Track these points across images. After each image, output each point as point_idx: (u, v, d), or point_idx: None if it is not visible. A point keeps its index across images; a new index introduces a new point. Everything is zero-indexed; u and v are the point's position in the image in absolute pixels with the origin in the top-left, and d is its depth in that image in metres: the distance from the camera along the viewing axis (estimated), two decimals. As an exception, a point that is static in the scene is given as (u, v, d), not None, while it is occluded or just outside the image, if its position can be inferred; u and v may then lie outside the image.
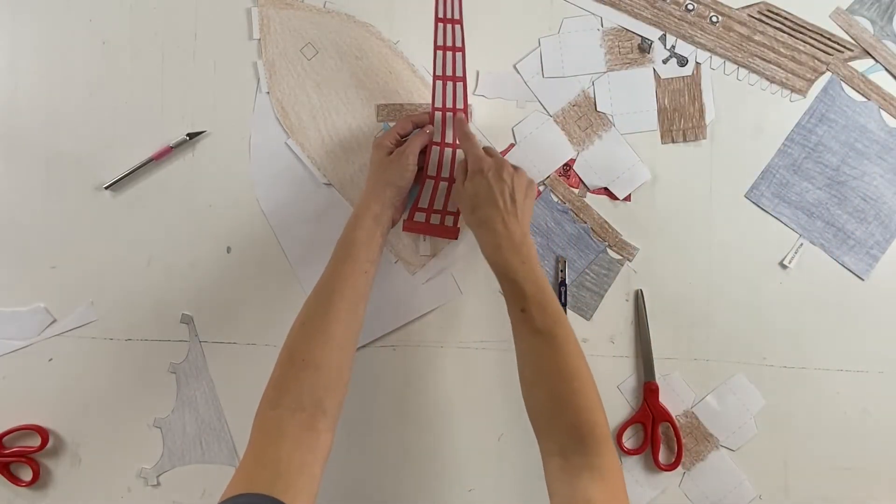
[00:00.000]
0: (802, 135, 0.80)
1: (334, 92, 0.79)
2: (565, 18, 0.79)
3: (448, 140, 0.74)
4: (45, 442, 0.78)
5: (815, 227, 0.80)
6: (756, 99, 0.80)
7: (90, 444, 0.79)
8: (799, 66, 0.79)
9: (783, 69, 0.80)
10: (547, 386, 0.62)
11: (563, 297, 0.79)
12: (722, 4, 0.79)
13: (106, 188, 0.78)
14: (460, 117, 0.73)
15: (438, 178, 0.75)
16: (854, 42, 0.79)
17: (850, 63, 0.80)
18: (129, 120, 0.79)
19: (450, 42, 0.70)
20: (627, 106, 0.80)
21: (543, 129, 0.79)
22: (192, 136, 0.78)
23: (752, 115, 0.80)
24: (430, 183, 0.75)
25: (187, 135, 0.78)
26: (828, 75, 0.80)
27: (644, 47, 0.80)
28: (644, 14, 0.79)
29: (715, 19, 0.79)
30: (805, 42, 0.79)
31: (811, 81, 0.80)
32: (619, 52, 0.80)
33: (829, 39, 0.79)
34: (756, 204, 0.80)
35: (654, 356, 0.78)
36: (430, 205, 0.75)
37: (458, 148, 0.74)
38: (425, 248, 0.79)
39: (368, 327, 0.75)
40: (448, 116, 0.73)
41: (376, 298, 0.73)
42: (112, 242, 0.79)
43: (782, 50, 0.79)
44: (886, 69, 0.79)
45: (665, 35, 0.79)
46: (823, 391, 0.79)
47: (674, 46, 0.79)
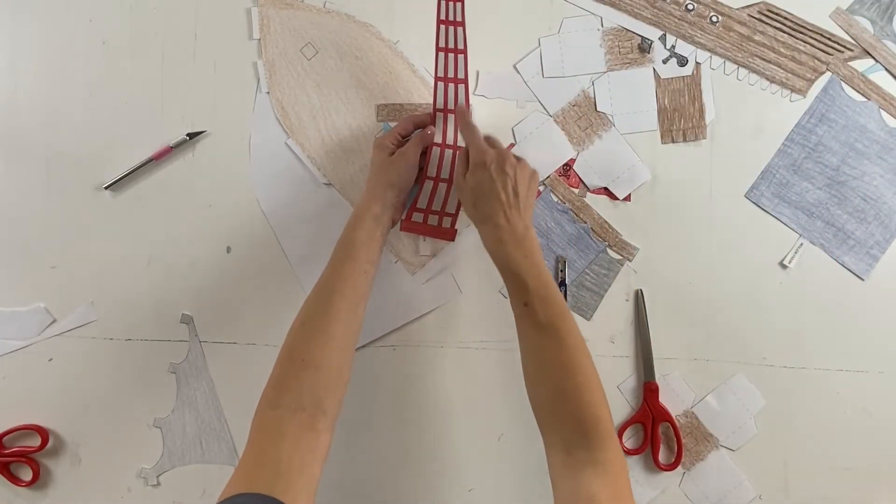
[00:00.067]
0: (802, 135, 0.80)
1: (334, 92, 0.79)
2: (565, 18, 0.79)
3: (449, 141, 0.74)
4: (45, 442, 0.78)
5: (815, 227, 0.80)
6: (756, 99, 0.80)
7: (90, 444, 0.79)
8: (799, 66, 0.79)
9: (783, 69, 0.80)
10: (550, 380, 0.62)
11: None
12: (722, 4, 0.79)
13: (106, 188, 0.78)
14: (461, 107, 0.72)
15: (438, 179, 0.74)
16: (854, 42, 0.79)
17: (850, 63, 0.80)
18: (129, 120, 0.79)
19: (452, 44, 0.70)
20: (627, 106, 0.80)
21: (543, 129, 0.79)
22: (192, 136, 0.78)
23: (752, 115, 0.80)
24: (429, 184, 0.75)
25: (187, 135, 0.78)
26: (828, 75, 0.80)
27: (644, 47, 0.80)
28: (644, 14, 0.79)
29: (715, 19, 0.79)
30: (805, 42, 0.79)
31: (811, 81, 0.80)
32: (619, 52, 0.80)
33: (829, 39, 0.79)
34: (756, 204, 0.80)
35: (654, 356, 0.78)
36: (428, 205, 0.75)
37: (458, 149, 0.74)
38: (425, 248, 0.79)
39: (368, 327, 0.75)
40: (449, 116, 0.73)
41: (376, 298, 0.73)
42: (112, 242, 0.79)
43: (782, 50, 0.79)
44: (886, 69, 0.79)
45: (665, 35, 0.79)
46: (823, 391, 0.79)
47: (674, 46, 0.79)
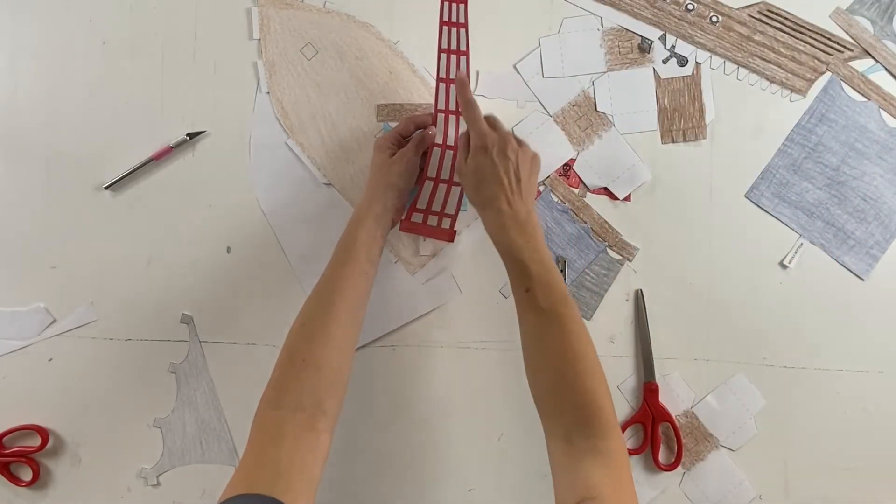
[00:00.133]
0: (802, 135, 0.80)
1: (334, 92, 0.79)
2: (565, 18, 0.79)
3: (450, 142, 0.74)
4: (45, 442, 0.78)
5: (815, 227, 0.80)
6: (756, 99, 0.80)
7: (90, 444, 0.79)
8: (799, 66, 0.79)
9: (783, 69, 0.80)
10: (551, 367, 0.61)
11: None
12: (722, 4, 0.79)
13: (106, 188, 0.78)
14: (462, 79, 0.68)
15: (438, 180, 0.74)
16: (854, 42, 0.79)
17: (850, 63, 0.80)
18: (129, 120, 0.79)
19: (454, 45, 0.70)
20: (627, 106, 0.80)
21: (543, 129, 0.79)
22: (192, 136, 0.78)
23: (752, 115, 0.80)
24: (429, 184, 0.74)
25: (187, 135, 0.78)
26: (828, 75, 0.80)
27: (644, 47, 0.80)
28: (644, 14, 0.79)
29: (715, 19, 0.79)
30: (805, 42, 0.79)
31: (811, 81, 0.80)
32: (619, 52, 0.79)
33: (829, 39, 0.79)
34: (756, 204, 0.80)
35: (654, 356, 0.78)
36: (428, 206, 0.75)
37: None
38: (425, 248, 0.79)
39: (368, 327, 0.75)
40: (451, 117, 0.73)
41: (376, 298, 0.73)
42: (112, 242, 0.79)
43: (782, 50, 0.79)
44: (886, 69, 0.79)
45: (665, 35, 0.79)
46: (823, 391, 0.79)
47: (674, 46, 0.79)
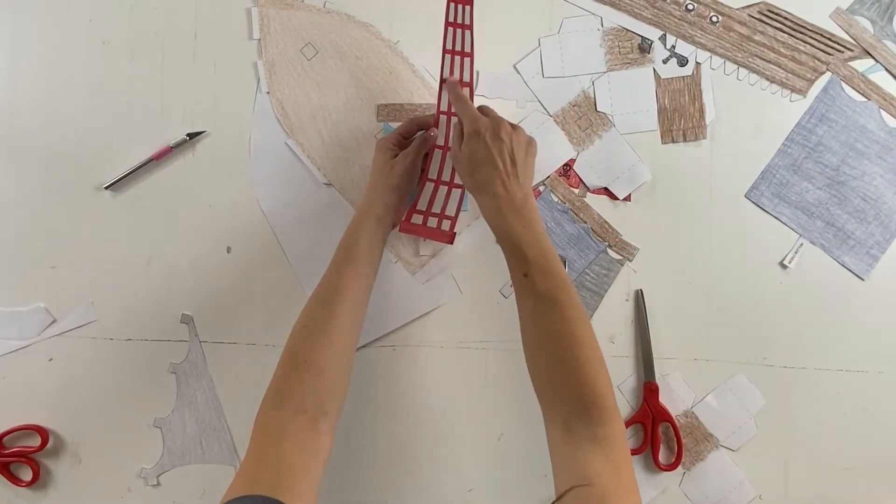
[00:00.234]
0: (802, 135, 0.80)
1: (334, 92, 0.79)
2: (565, 18, 0.79)
3: (451, 145, 0.74)
4: (45, 442, 0.78)
5: (815, 227, 0.80)
6: (756, 99, 0.80)
7: (90, 444, 0.79)
8: (799, 66, 0.79)
9: (783, 69, 0.80)
10: (550, 352, 0.60)
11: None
12: (722, 4, 0.79)
13: (106, 188, 0.78)
14: (452, 80, 0.70)
15: (439, 182, 0.74)
16: (854, 42, 0.79)
17: (850, 63, 0.80)
18: (129, 120, 0.79)
19: (458, 47, 0.70)
20: (627, 106, 0.80)
21: (543, 129, 0.79)
22: (192, 136, 0.78)
23: (752, 115, 0.80)
24: (429, 186, 0.74)
25: (187, 135, 0.78)
26: (828, 75, 0.80)
27: (644, 47, 0.80)
28: (644, 14, 0.79)
29: (715, 19, 0.79)
30: (805, 42, 0.79)
31: (811, 81, 0.80)
32: (619, 52, 0.79)
33: (829, 39, 0.79)
34: (756, 204, 0.80)
35: (654, 356, 0.78)
36: (428, 207, 0.75)
37: None
38: (425, 248, 0.79)
39: (368, 327, 0.75)
40: (453, 119, 0.73)
41: (376, 298, 0.73)
42: (112, 242, 0.79)
43: (782, 50, 0.79)
44: (886, 69, 0.79)
45: (665, 35, 0.79)
46: (823, 391, 0.79)
47: (674, 46, 0.79)
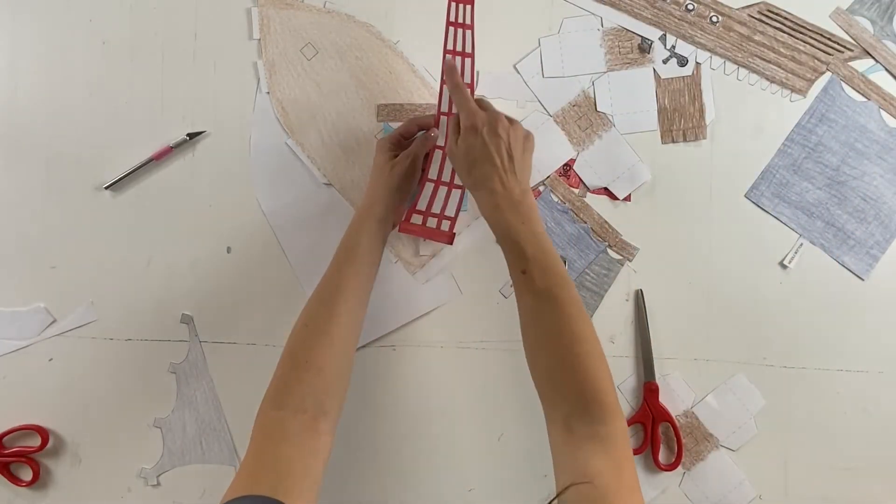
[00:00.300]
0: (802, 135, 0.80)
1: (334, 92, 0.79)
2: (565, 18, 0.79)
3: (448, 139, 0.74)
4: (45, 442, 0.77)
5: (815, 227, 0.80)
6: (756, 99, 0.80)
7: (90, 444, 0.79)
8: (799, 66, 0.79)
9: (783, 69, 0.80)
10: (550, 350, 0.60)
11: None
12: (722, 4, 0.79)
13: (106, 188, 0.78)
14: (451, 65, 0.68)
15: (439, 182, 0.74)
16: (854, 42, 0.79)
17: (850, 63, 0.80)
18: (129, 120, 0.79)
19: (459, 47, 0.70)
20: (627, 106, 0.80)
21: (543, 129, 0.79)
22: (192, 136, 0.78)
23: (752, 115, 0.80)
24: (429, 186, 0.74)
25: (187, 135, 0.78)
26: (828, 75, 0.80)
27: (644, 47, 0.80)
28: (644, 14, 0.79)
29: (715, 19, 0.79)
30: (805, 42, 0.79)
31: (811, 81, 0.80)
32: (619, 52, 0.79)
33: (829, 39, 0.79)
34: (756, 204, 0.80)
35: (654, 356, 0.78)
36: (427, 208, 0.74)
37: None
38: (425, 248, 0.79)
39: (368, 327, 0.75)
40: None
41: (376, 298, 0.73)
42: (112, 242, 0.79)
43: (782, 50, 0.79)
44: (886, 69, 0.79)
45: (665, 35, 0.79)
46: (823, 391, 0.79)
47: (674, 46, 0.79)
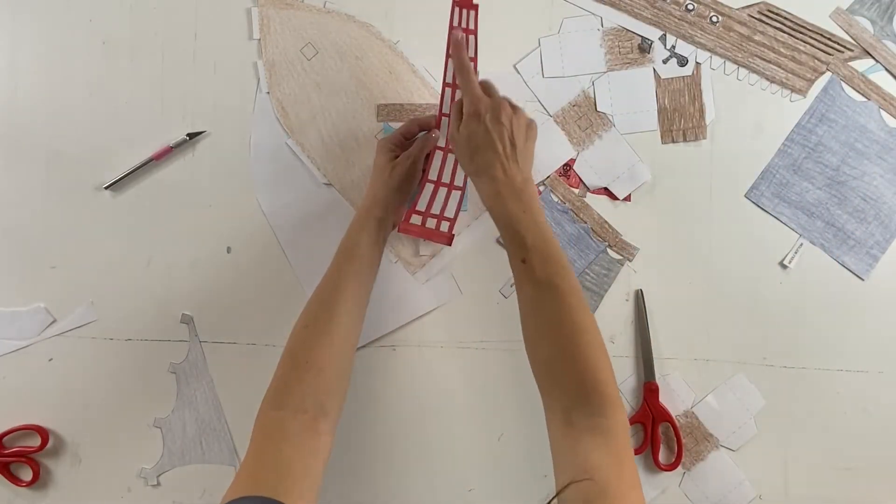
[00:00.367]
0: (802, 135, 0.80)
1: (334, 92, 0.79)
2: (565, 18, 0.79)
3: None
4: (45, 442, 0.78)
5: (815, 227, 0.80)
6: (756, 99, 0.80)
7: (90, 444, 0.79)
8: (799, 66, 0.79)
9: (783, 69, 0.80)
10: (550, 340, 0.59)
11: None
12: (722, 4, 0.79)
13: (106, 188, 0.78)
14: (458, 41, 0.66)
15: (439, 183, 0.74)
16: (854, 42, 0.79)
17: (850, 63, 0.80)
18: (129, 120, 0.79)
19: None
20: (627, 106, 0.80)
21: (543, 129, 0.79)
22: (192, 136, 0.78)
23: (752, 115, 0.80)
24: (429, 187, 0.74)
25: (187, 135, 0.78)
26: (828, 75, 0.80)
27: (644, 47, 0.80)
28: (644, 14, 0.79)
29: (715, 19, 0.79)
30: (805, 42, 0.79)
31: (811, 81, 0.80)
32: (619, 52, 0.79)
33: (829, 39, 0.79)
34: (756, 204, 0.80)
35: (654, 356, 0.78)
36: (427, 208, 0.74)
37: None
38: (425, 248, 0.79)
39: (368, 327, 0.75)
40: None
41: (376, 298, 0.73)
42: (112, 242, 0.79)
43: (782, 50, 0.79)
44: (886, 69, 0.79)
45: (665, 35, 0.79)
46: (823, 391, 0.79)
47: (674, 46, 0.79)
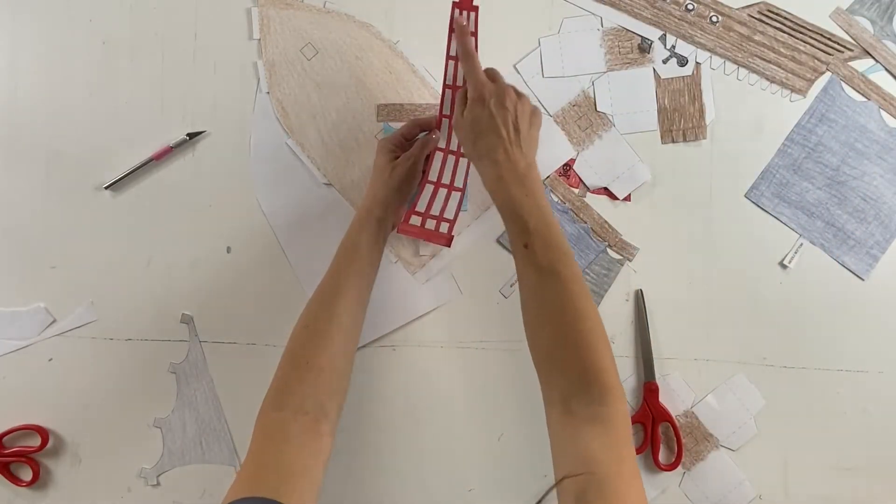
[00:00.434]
0: (802, 135, 0.80)
1: (334, 92, 0.79)
2: (565, 18, 0.79)
3: (453, 147, 0.74)
4: (45, 442, 0.78)
5: (815, 227, 0.80)
6: (756, 99, 0.80)
7: (90, 444, 0.79)
8: (799, 66, 0.79)
9: (783, 69, 0.80)
10: (551, 326, 0.58)
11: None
12: (722, 4, 0.79)
13: (106, 188, 0.78)
14: (462, 27, 0.66)
15: (439, 184, 0.74)
16: (854, 42, 0.79)
17: (850, 63, 0.80)
18: (129, 120, 0.79)
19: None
20: (627, 106, 0.80)
21: (543, 129, 0.79)
22: (192, 136, 0.78)
23: (752, 115, 0.80)
24: (429, 188, 0.74)
25: (187, 135, 0.78)
26: (828, 75, 0.80)
27: (644, 47, 0.80)
28: (644, 14, 0.79)
29: (715, 19, 0.79)
30: (805, 42, 0.79)
31: (811, 81, 0.80)
32: (619, 52, 0.79)
33: (829, 39, 0.79)
34: (756, 204, 0.80)
35: (654, 356, 0.78)
36: (427, 209, 0.74)
37: (461, 156, 0.74)
38: (425, 248, 0.79)
39: (368, 327, 0.75)
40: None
41: (376, 298, 0.73)
42: (112, 242, 0.79)
43: (782, 50, 0.79)
44: (886, 69, 0.79)
45: (665, 35, 0.79)
46: (823, 391, 0.79)
47: (674, 46, 0.79)
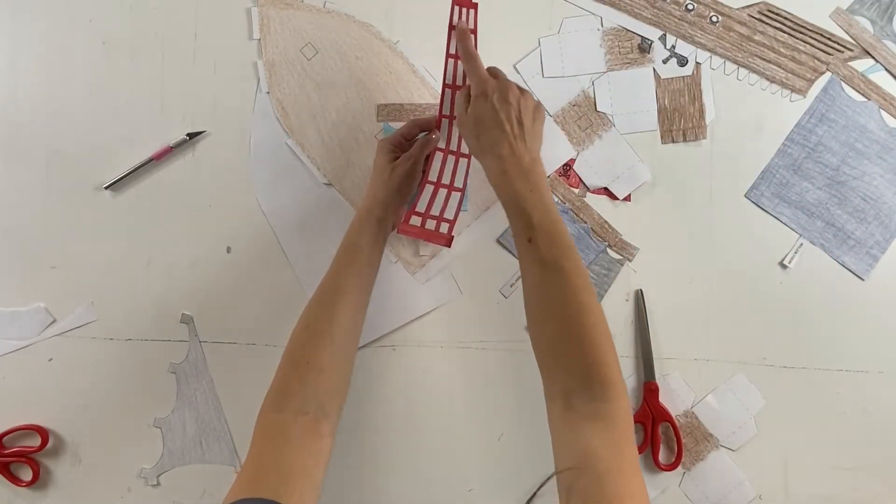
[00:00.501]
0: (802, 135, 0.80)
1: (334, 92, 0.79)
2: (565, 18, 0.79)
3: (453, 148, 0.74)
4: (45, 442, 0.78)
5: (815, 227, 0.80)
6: (756, 99, 0.80)
7: (90, 444, 0.79)
8: (799, 66, 0.79)
9: (783, 69, 0.80)
10: (554, 321, 0.58)
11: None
12: (722, 4, 0.79)
13: (106, 188, 0.78)
14: (463, 29, 0.67)
15: (439, 185, 0.74)
16: (854, 42, 0.79)
17: (850, 63, 0.80)
18: (129, 120, 0.79)
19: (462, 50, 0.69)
20: (627, 106, 0.80)
21: (543, 129, 0.79)
22: (192, 136, 0.78)
23: (752, 115, 0.80)
24: (429, 188, 0.74)
25: (187, 135, 0.78)
26: (828, 75, 0.80)
27: (644, 47, 0.80)
28: (644, 14, 0.79)
29: (715, 19, 0.79)
30: (805, 42, 0.79)
31: (811, 81, 0.80)
32: (619, 52, 0.79)
33: (829, 39, 0.79)
34: (756, 204, 0.80)
35: (654, 356, 0.78)
36: (427, 210, 0.74)
37: (461, 157, 0.74)
38: (425, 248, 0.79)
39: (368, 327, 0.75)
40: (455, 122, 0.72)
41: (376, 298, 0.73)
42: (112, 242, 0.79)
43: (782, 50, 0.79)
44: (886, 69, 0.79)
45: (665, 35, 0.79)
46: (823, 391, 0.79)
47: (674, 46, 0.79)
